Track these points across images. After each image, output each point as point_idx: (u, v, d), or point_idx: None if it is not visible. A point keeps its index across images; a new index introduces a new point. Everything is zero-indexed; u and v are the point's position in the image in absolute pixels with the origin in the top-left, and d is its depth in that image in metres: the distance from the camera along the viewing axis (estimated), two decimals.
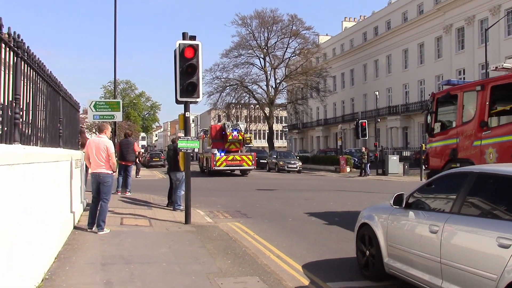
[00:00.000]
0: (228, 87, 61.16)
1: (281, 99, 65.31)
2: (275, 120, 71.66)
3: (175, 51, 10.79)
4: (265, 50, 59.70)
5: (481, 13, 41.54)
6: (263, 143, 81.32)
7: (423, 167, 19.82)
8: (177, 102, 11.26)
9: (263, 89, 60.99)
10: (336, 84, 67.59)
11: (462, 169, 5.64)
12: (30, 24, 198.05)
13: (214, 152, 31.59)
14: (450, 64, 45.26)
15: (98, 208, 9.29)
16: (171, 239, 8.85)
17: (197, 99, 10.87)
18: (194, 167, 48.88)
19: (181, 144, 10.85)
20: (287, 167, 39.12)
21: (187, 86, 10.68)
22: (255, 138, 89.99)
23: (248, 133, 69.85)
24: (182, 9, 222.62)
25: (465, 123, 10.95)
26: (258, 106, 62.48)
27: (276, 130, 78.70)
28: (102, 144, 9.25)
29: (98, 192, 9.36)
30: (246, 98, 62.78)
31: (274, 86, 60.68)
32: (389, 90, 55.35)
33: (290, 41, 59.25)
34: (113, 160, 9.30)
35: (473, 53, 42.31)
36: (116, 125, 33.74)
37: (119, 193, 15.51)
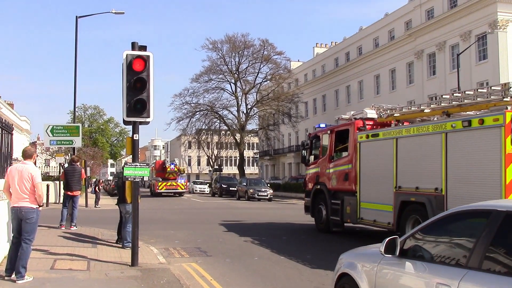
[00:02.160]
0: (198, 113, 59.75)
1: (252, 125, 64.20)
2: (246, 147, 70.35)
3: (122, 64, 9.30)
4: (236, 75, 58.60)
5: (452, 39, 41.29)
6: (234, 170, 79.61)
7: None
8: (124, 122, 9.72)
9: (233, 115, 59.78)
10: (308, 110, 66.80)
11: (482, 205, 4.17)
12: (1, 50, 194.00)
13: (158, 179, 43.02)
14: (422, 90, 44.79)
15: (19, 251, 7.55)
16: None
17: (147, 119, 9.32)
18: (146, 191, 47.03)
19: (127, 172, 9.24)
20: (258, 195, 37.55)
21: (135, 104, 9.15)
22: (225, 165, 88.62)
23: (219, 160, 68.22)
24: (151, 33, 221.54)
25: (323, 157, 15.59)
26: (229, 132, 61.10)
27: (247, 157, 77.34)
28: (26, 172, 7.58)
29: (19, 230, 7.64)
30: (217, 124, 61.43)
31: (245, 112, 59.46)
32: None
33: (262, 66, 58.41)
34: (39, 191, 7.62)
35: (444, 78, 41.91)
36: (75, 151, 31.92)
37: (63, 227, 13.66)
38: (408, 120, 12.67)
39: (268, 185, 43.69)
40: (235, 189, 42.77)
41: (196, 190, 57.69)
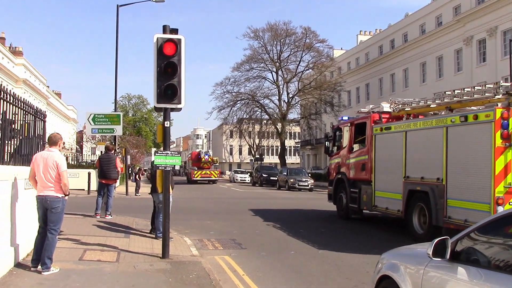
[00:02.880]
0: (239, 102, 59.41)
1: (293, 114, 63.33)
2: (287, 136, 69.72)
3: (153, 48, 8.91)
4: (277, 63, 57.86)
5: (504, 24, 39.25)
6: (275, 159, 79.06)
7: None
8: (156, 109, 9.41)
9: (275, 104, 59.09)
10: (350, 98, 65.42)
11: None
12: (51, 42, 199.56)
13: (194, 168, 47.84)
14: (470, 78, 42.87)
15: (45, 242, 7.30)
16: (132, 284, 6.83)
17: (178, 105, 8.92)
18: (183, 179, 48.49)
19: (158, 160, 8.88)
20: (298, 185, 36.89)
21: (166, 89, 8.76)
22: (267, 154, 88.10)
23: (260, 149, 68.26)
24: (194, 22, 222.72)
25: (344, 148, 16.48)
26: (270, 121, 60.55)
27: (288, 146, 76.73)
28: (51, 160, 7.30)
29: (45, 220, 7.39)
30: (258, 113, 60.97)
31: (286, 101, 58.70)
32: None
33: (304, 54, 57.38)
34: (65, 180, 7.33)
35: (495, 65, 39.97)
36: (116, 140, 32.14)
37: (98, 216, 13.51)
38: (422, 114, 13.30)
39: (309, 174, 42.94)
40: (276, 178, 42.27)
41: (237, 179, 57.57)
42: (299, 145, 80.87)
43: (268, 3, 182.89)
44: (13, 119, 8.46)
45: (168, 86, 8.71)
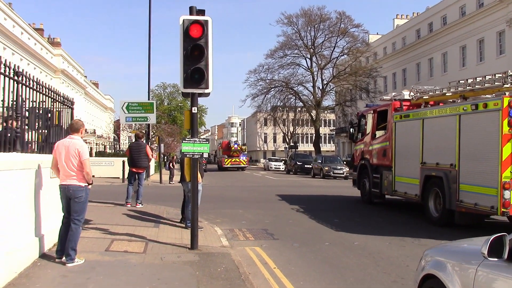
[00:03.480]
0: (273, 89, 58.85)
1: (328, 101, 62.36)
2: (322, 123, 68.78)
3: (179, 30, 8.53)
4: (311, 49, 56.89)
5: None
6: (310, 147, 78.26)
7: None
8: (183, 94, 9.05)
9: (309, 91, 58.25)
10: (387, 84, 63.87)
11: None
12: (89, 33, 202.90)
13: (224, 157, 51.82)
14: None
15: (69, 232, 7.06)
16: (157, 277, 6.51)
17: (206, 90, 8.53)
18: (215, 167, 49.57)
19: (185, 148, 8.53)
20: (333, 173, 36.24)
21: (193, 73, 8.38)
22: (301, 142, 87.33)
23: (294, 137, 68.08)
24: (228, 10, 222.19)
25: (367, 134, 17.02)
26: (304, 108, 59.79)
27: (323, 134, 75.85)
28: (73, 148, 7.02)
29: (69, 210, 7.14)
30: (292, 100, 60.28)
31: (321, 88, 57.74)
32: None
33: (338, 39, 56.21)
34: (87, 168, 7.05)
35: None
36: (150, 128, 32.17)
37: (129, 205, 13.32)
38: (441, 102, 13.50)
39: (345, 162, 42.15)
40: (310, 166, 41.70)
41: (271, 167, 57.22)
42: (334, 133, 79.72)
43: None
44: (41, 106, 8.31)
45: (195, 70, 8.33)
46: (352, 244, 9.64)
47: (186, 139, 8.60)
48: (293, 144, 70.08)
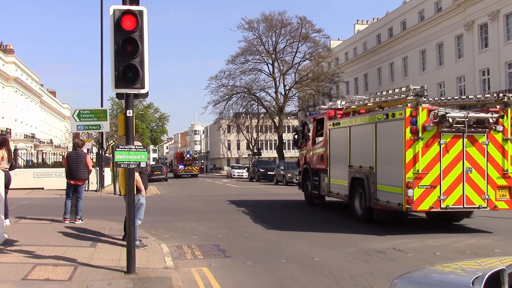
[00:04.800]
0: (235, 95, 57.96)
1: (291, 107, 61.85)
2: (285, 129, 68.18)
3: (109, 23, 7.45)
4: (273, 55, 56.31)
5: (507, 7, 37.70)
6: (274, 154, 77.58)
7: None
8: (117, 96, 7.94)
9: (271, 97, 57.67)
10: (349, 89, 63.77)
11: None
12: (47, 41, 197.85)
13: (178, 165, 57.58)
14: (472, 64, 41.41)
15: None
16: None
17: (142, 90, 7.46)
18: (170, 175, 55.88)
19: (119, 157, 7.43)
20: (296, 179, 35.34)
21: (126, 71, 7.31)
22: (265, 148, 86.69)
23: (258, 143, 67.82)
24: (190, 18, 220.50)
25: (309, 141, 18.39)
26: (267, 114, 59.05)
27: (286, 140, 75.21)
28: None
29: None
30: (255, 106, 59.52)
31: (283, 93, 57.16)
32: None
33: (300, 45, 55.86)
34: None
35: (498, 51, 38.45)
36: (103, 137, 30.67)
37: (67, 221, 12.04)
38: (368, 110, 14.75)
39: None
40: (273, 173, 40.86)
41: (234, 175, 56.20)
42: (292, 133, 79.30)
43: None
44: None
45: (128, 67, 7.27)
46: (311, 260, 8.69)
47: (120, 146, 7.49)
48: (256, 151, 69.22)
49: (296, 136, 20.22)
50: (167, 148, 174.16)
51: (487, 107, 12.46)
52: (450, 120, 11.28)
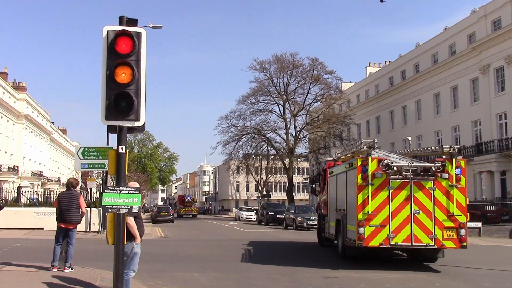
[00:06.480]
0: (245, 136, 57.13)
1: (301, 149, 60.75)
2: (295, 171, 67.02)
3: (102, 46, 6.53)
4: (284, 96, 55.75)
5: None
6: (283, 196, 76.09)
7: None
8: (109, 129, 6.97)
9: (282, 138, 56.70)
10: (361, 132, 62.89)
11: None
12: (58, 79, 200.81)
13: (180, 207, 66.20)
14: (489, 108, 40.42)
15: None
16: None
17: (136, 123, 6.48)
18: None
19: (107, 200, 6.38)
20: (306, 224, 33.94)
21: (118, 100, 6.36)
22: (274, 190, 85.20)
23: (268, 185, 67.56)
24: (196, 53, 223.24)
25: (321, 188, 20.09)
26: (277, 156, 58.02)
27: (296, 182, 73.98)
28: None
29: None
30: (265, 147, 58.62)
31: (294, 135, 56.27)
32: (419, 137, 50.32)
33: (311, 86, 55.29)
34: None
35: None
36: (107, 175, 29.65)
37: (55, 269, 10.83)
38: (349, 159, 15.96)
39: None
40: (283, 216, 39.44)
41: (242, 217, 54.74)
42: (308, 181, 77.92)
43: (275, 39, 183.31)
44: None
45: (120, 96, 6.34)
46: None
47: (109, 188, 6.44)
48: (265, 192, 67.90)
49: (313, 185, 22.38)
50: (176, 188, 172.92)
51: (435, 157, 14.24)
52: (395, 168, 12.91)
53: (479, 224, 26.89)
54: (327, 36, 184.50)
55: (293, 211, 37.03)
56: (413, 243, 12.87)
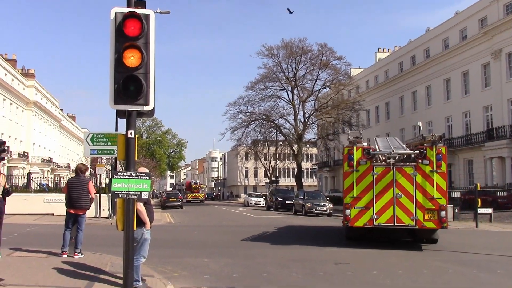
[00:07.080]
0: (253, 122, 56.95)
1: (310, 135, 60.55)
2: (304, 157, 66.83)
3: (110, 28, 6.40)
4: (293, 82, 55.34)
5: None
6: (292, 182, 76.06)
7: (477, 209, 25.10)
8: (117, 113, 6.86)
9: (291, 124, 56.46)
10: (370, 118, 62.51)
11: None
12: (68, 66, 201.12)
13: (187, 193, 68.33)
14: (500, 93, 39.90)
15: None
16: None
17: (145, 107, 6.36)
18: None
19: (116, 185, 6.30)
20: (316, 210, 33.93)
21: (127, 84, 6.23)
22: (283, 176, 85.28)
23: (276, 171, 67.67)
24: (211, 46, 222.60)
25: None
26: (286, 142, 57.85)
27: (305, 168, 73.85)
28: None
29: None
30: (273, 133, 58.49)
31: (302, 121, 55.94)
32: (430, 123, 49.87)
33: (320, 72, 54.77)
34: None
35: None
36: (117, 162, 29.67)
37: (65, 255, 10.83)
38: None
39: (328, 198, 40.02)
40: (292, 202, 39.41)
41: (251, 203, 54.80)
42: (316, 167, 77.77)
43: (283, 25, 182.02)
44: None
45: (129, 79, 6.22)
46: None
47: (119, 173, 6.36)
48: (274, 178, 67.89)
49: None
50: (184, 174, 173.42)
51: (418, 145, 15.07)
52: (377, 156, 14.66)
53: (490, 210, 26.72)
54: (337, 22, 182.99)
55: (302, 197, 37.01)
56: (396, 224, 14.09)
